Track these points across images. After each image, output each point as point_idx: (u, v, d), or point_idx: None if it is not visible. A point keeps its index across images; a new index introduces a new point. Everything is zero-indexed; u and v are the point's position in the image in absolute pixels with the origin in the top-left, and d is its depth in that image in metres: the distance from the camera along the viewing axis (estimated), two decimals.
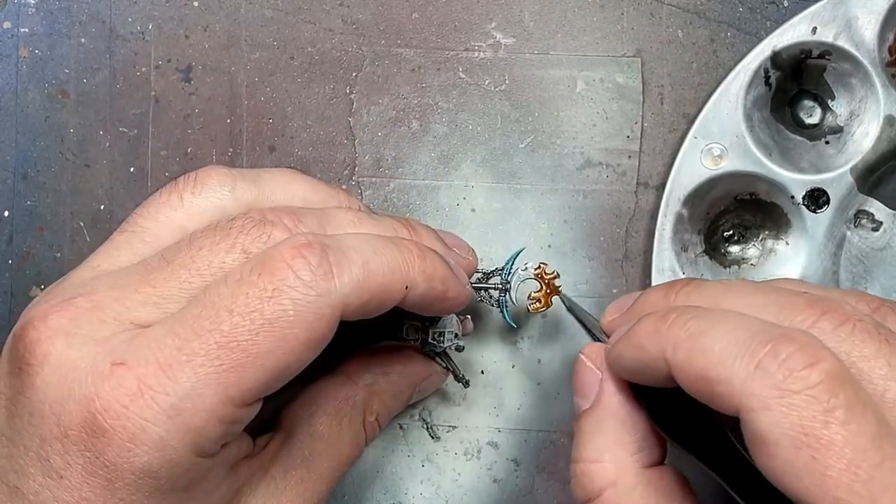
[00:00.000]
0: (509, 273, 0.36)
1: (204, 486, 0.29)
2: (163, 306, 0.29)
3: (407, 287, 0.30)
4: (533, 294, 0.36)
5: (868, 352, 0.25)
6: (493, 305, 0.36)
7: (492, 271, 0.37)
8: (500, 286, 0.36)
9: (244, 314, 0.27)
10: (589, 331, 0.34)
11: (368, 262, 0.28)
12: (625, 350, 0.29)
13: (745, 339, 0.25)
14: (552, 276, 0.36)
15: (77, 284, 0.30)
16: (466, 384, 0.38)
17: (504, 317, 0.36)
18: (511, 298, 0.36)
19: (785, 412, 0.23)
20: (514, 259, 0.36)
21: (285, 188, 0.33)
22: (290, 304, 0.27)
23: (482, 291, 0.36)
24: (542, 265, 0.36)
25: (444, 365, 0.37)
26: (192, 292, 0.28)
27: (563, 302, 0.36)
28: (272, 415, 0.35)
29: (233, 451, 0.30)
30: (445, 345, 0.36)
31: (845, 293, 0.29)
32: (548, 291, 0.36)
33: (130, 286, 0.29)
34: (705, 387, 0.25)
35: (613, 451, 0.29)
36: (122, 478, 0.27)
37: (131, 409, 0.26)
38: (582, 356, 0.31)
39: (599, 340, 0.32)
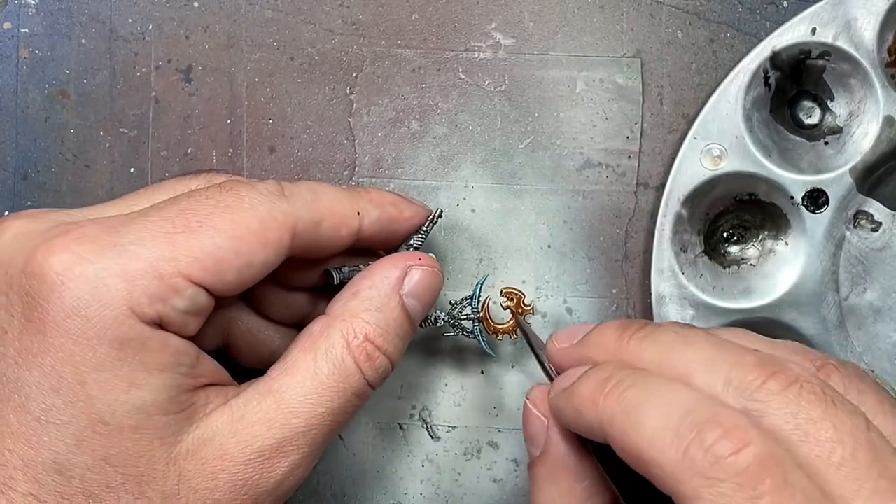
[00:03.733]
0: (478, 301, 0.37)
1: (141, 357, 0.28)
2: (130, 208, 0.32)
3: (359, 213, 0.33)
4: (500, 327, 0.37)
5: (815, 414, 0.25)
6: (468, 336, 0.37)
7: (461, 301, 0.37)
8: (472, 316, 0.37)
9: (202, 199, 0.30)
10: (539, 359, 0.33)
11: (317, 190, 0.32)
12: (564, 408, 0.29)
13: (675, 420, 0.24)
14: (519, 296, 0.37)
15: None
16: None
17: (481, 346, 0.37)
18: (485, 327, 0.37)
19: (714, 500, 0.23)
20: (481, 286, 0.37)
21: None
22: (246, 196, 0.30)
23: (454, 325, 0.37)
24: (510, 290, 0.37)
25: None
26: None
27: (521, 328, 0.36)
28: None
29: (182, 348, 0.30)
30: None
31: (792, 350, 0.28)
32: (518, 311, 0.37)
33: (106, 208, 0.32)
34: (640, 466, 0.25)
35: (566, 499, 0.29)
36: (53, 318, 0.27)
37: (72, 248, 0.28)
38: (527, 402, 0.31)
39: (546, 371, 0.32)
